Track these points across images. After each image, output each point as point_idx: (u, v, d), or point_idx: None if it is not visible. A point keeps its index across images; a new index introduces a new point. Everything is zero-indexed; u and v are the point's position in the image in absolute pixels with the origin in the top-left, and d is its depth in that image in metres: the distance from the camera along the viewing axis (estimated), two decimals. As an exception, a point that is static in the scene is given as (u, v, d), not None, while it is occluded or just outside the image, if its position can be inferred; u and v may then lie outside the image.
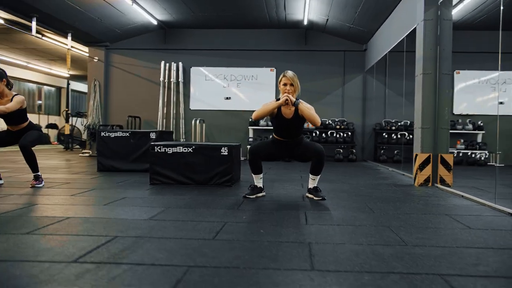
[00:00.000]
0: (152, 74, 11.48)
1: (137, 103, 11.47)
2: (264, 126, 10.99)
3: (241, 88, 11.42)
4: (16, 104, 4.73)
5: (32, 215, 3.24)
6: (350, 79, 11.20)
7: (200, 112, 11.37)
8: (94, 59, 11.44)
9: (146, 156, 6.84)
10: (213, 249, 2.35)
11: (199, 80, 11.47)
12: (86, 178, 5.92)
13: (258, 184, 4.40)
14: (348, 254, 2.27)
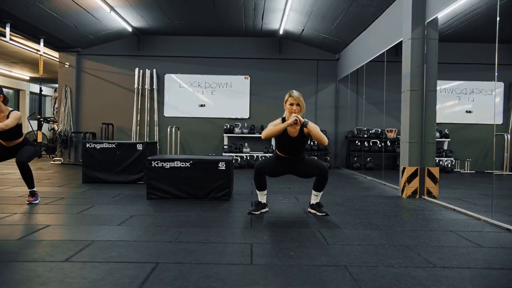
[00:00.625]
0: (125, 81, 11.30)
1: (109, 110, 11.26)
2: (239, 134, 11.07)
3: (215, 95, 11.45)
4: (14, 121, 4.61)
5: (53, 239, 3.19)
6: (323, 88, 11.48)
7: (175, 119, 11.31)
8: (65, 65, 11.12)
9: (132, 167, 6.81)
10: (261, 276, 2.44)
11: (173, 87, 11.40)
12: (77, 191, 5.81)
13: (262, 200, 4.51)
14: (389, 278, 2.42)
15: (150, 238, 3.29)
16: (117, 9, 9.00)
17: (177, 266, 2.60)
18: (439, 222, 4.14)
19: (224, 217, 4.22)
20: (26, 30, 9.20)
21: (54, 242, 3.13)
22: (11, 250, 2.92)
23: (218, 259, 2.76)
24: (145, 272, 2.48)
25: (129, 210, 4.47)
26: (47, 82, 21.50)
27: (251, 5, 8.78)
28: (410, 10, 5.63)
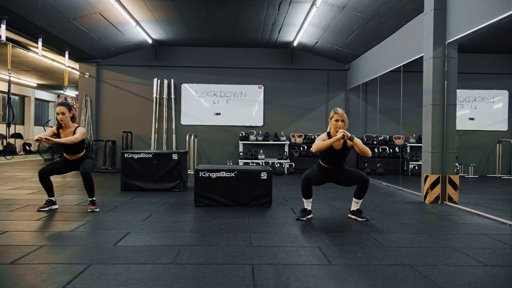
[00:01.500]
0: (143, 90, 11.73)
1: (128, 119, 11.67)
2: (254, 141, 11.53)
3: (230, 104, 11.92)
4: (81, 136, 5.05)
5: (149, 244, 3.63)
6: (333, 97, 12.00)
7: (191, 127, 11.76)
8: (85, 75, 11.52)
9: (168, 176, 7.24)
10: (346, 275, 2.91)
11: (189, 96, 11.85)
12: (124, 200, 6.22)
13: (308, 207, 4.98)
14: (452, 275, 2.92)
15: (229, 243, 3.74)
16: (142, 23, 9.45)
17: (271, 267, 3.07)
18: (470, 226, 4.65)
19: (276, 223, 4.69)
20: (55, 44, 9.62)
21: (152, 247, 3.57)
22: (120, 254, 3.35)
23: (300, 261, 3.22)
24: (248, 273, 2.94)
25: (189, 217, 4.92)
26: (51, 89, 21.82)
27: (271, 20, 9.27)
28: (432, 31, 6.16)
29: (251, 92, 11.94)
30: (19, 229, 4.22)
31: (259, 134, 11.64)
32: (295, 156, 11.49)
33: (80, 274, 2.87)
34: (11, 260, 3.17)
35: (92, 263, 3.11)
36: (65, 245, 3.65)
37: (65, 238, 3.90)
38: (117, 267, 3.05)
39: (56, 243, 3.71)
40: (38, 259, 3.23)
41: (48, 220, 4.74)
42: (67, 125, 5.15)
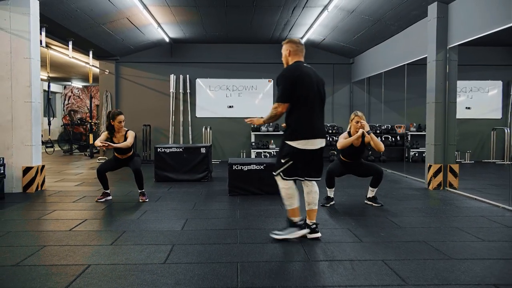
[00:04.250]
0: (160, 85, 12.47)
1: (147, 112, 12.43)
2: (265, 132, 12.34)
3: (242, 97, 12.69)
4: (132, 139, 5.86)
5: (215, 228, 4.47)
6: (338, 89, 12.80)
7: (206, 119, 12.54)
8: (105, 72, 12.22)
9: (197, 168, 8.06)
10: (376, 249, 3.77)
11: (204, 90, 12.61)
12: (163, 190, 7.04)
13: (331, 195, 5.84)
14: (459, 248, 3.78)
15: (274, 226, 4.59)
16: (163, 25, 10.15)
17: (316, 244, 3.92)
18: (469, 209, 5.52)
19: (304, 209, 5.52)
20: (82, 45, 10.31)
21: (213, 231, 4.41)
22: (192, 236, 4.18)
23: (337, 239, 4.07)
24: (300, 249, 3.79)
25: (229, 205, 5.77)
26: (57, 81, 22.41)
27: (283, 22, 10.00)
28: (435, 37, 6.96)
29: (261, 85, 12.70)
30: (94, 217, 5.04)
31: (269, 125, 12.43)
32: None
33: (171, 252, 3.70)
34: (110, 242, 4.00)
35: (175, 244, 3.94)
36: (142, 230, 4.47)
37: (138, 225, 4.71)
38: (196, 247, 3.89)
39: (134, 228, 4.53)
40: (129, 241, 4.05)
41: (112, 209, 5.56)
42: (120, 129, 5.94)
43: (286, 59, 4.09)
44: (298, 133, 3.84)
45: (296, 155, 3.88)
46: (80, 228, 4.57)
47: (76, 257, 3.57)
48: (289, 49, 4.07)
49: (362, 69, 11.82)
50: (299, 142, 3.84)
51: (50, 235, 4.29)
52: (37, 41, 6.94)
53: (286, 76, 3.86)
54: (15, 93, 6.69)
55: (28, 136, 6.71)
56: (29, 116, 6.71)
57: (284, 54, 4.10)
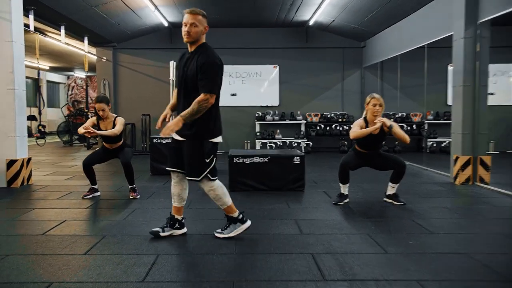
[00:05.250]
0: (160, 73, 11.75)
1: (146, 101, 11.74)
2: (270, 121, 11.60)
3: (246, 84, 11.96)
4: (121, 127, 5.16)
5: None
6: (349, 75, 12.01)
7: (208, 108, 11.78)
8: (102, 59, 11.53)
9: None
10: (405, 263, 3.05)
11: (205, 77, 11.84)
12: (159, 185, 6.37)
13: (345, 192, 5.11)
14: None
15: (280, 231, 3.88)
16: (160, 7, 9.41)
17: (331, 256, 3.21)
18: (510, 209, 4.76)
19: (316, 208, 4.82)
20: (75, 31, 9.64)
21: (207, 236, 3.72)
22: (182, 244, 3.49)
23: (356, 249, 3.36)
24: (311, 263, 3.08)
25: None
26: (61, 71, 21.80)
27: (289, 1, 9.22)
28: (463, 11, 6.14)
29: (266, 72, 11.95)
30: (75, 218, 4.38)
31: (275, 114, 11.71)
32: (312, 135, 11.58)
33: (153, 266, 3.01)
34: (84, 251, 3.32)
35: (159, 254, 3.25)
36: (125, 234, 3.79)
37: (122, 227, 4.03)
38: (184, 258, 3.20)
39: (116, 232, 3.86)
40: (107, 249, 3.38)
41: (97, 208, 4.90)
42: (107, 116, 5.26)
43: (198, 35, 3.45)
44: (218, 128, 3.59)
45: (216, 151, 3.63)
46: (55, 231, 3.91)
47: (38, 272, 2.91)
48: (205, 26, 3.51)
49: (374, 53, 11.01)
50: (219, 138, 3.61)
51: (18, 240, 3.64)
52: (19, 23, 6.25)
53: (218, 65, 3.43)
54: (-4, 80, 6.01)
55: (11, 126, 6.05)
56: (12, 104, 6.04)
57: (200, 29, 3.46)
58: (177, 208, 3.76)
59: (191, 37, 3.41)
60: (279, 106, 11.97)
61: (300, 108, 11.88)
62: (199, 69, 3.35)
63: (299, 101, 11.97)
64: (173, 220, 3.76)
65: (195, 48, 3.47)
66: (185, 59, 3.51)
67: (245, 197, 5.47)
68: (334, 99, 12.02)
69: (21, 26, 6.26)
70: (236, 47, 11.81)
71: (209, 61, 3.36)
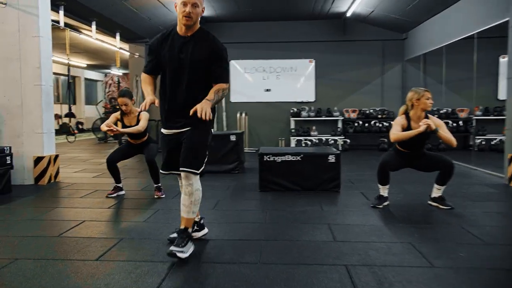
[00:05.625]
0: (193, 68, 11.51)
1: (179, 97, 11.53)
2: (306, 117, 11.18)
3: (280, 79, 11.56)
4: (146, 122, 4.92)
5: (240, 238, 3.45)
6: (389, 68, 11.40)
7: (241, 104, 11.52)
8: (135, 55, 11.44)
9: (226, 157, 7.07)
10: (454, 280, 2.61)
11: (238, 73, 11.58)
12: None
13: (384, 194, 4.66)
14: None
15: (311, 237, 3.51)
16: (192, 0, 9.15)
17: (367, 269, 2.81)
18: None
19: (352, 211, 4.41)
20: (106, 26, 9.54)
21: (231, 242, 3.39)
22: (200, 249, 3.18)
23: (397, 261, 2.94)
24: (345, 276, 2.69)
25: (258, 205, 4.73)
26: (99, 68, 22.15)
27: (326, -10, 8.75)
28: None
29: (301, 66, 11.52)
30: (95, 219, 4.16)
31: (311, 110, 11.27)
32: (350, 132, 11.08)
33: (167, 276, 2.71)
34: (96, 256, 3.07)
35: (176, 261, 2.95)
36: (143, 238, 3.52)
37: (141, 230, 3.77)
38: (202, 267, 2.89)
39: (134, 236, 3.60)
40: (121, 255, 3.12)
41: (119, 208, 4.68)
42: (130, 111, 5.04)
43: (199, 16, 3.03)
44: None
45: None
46: (72, 233, 3.69)
47: (43, 280, 2.67)
48: (203, 6, 3.07)
49: (417, 45, 10.36)
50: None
51: (32, 243, 3.43)
52: (47, 17, 6.14)
53: (227, 53, 3.12)
54: (24, 75, 5.92)
55: (38, 122, 5.94)
56: (39, 100, 5.92)
57: (200, 10, 3.02)
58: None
59: (192, 20, 2.98)
60: (315, 101, 11.52)
61: (337, 104, 11.38)
62: (217, 57, 3.02)
63: (336, 96, 11.47)
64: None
65: (194, 32, 3.07)
66: (179, 43, 3.04)
67: (276, 197, 5.12)
68: (373, 94, 11.44)
69: (49, 21, 6.14)
70: (270, 41, 11.43)
71: (223, 48, 3.07)
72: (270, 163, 5.50)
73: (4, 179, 5.26)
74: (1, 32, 5.90)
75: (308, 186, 5.46)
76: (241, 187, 5.84)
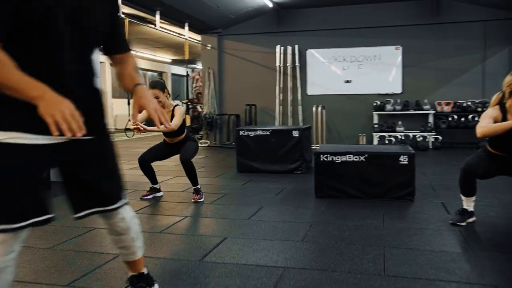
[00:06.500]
0: (267, 59, 10.87)
1: (252, 90, 10.98)
2: (391, 111, 9.96)
3: (362, 69, 10.45)
4: (180, 118, 4.35)
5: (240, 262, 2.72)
6: (492, 54, 9.73)
7: (318, 97, 10.61)
8: (207, 47, 11.08)
9: (289, 156, 6.31)
10: None
11: (316, 63, 10.68)
12: (236, 185, 5.47)
13: (469, 208, 3.57)
14: None
15: (353, 267, 2.63)
16: (261, -16, 8.49)
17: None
18: None
19: (422, 229, 3.41)
20: (173, 16, 9.23)
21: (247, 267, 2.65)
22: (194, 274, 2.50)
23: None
24: None
25: (306, 215, 3.91)
26: (185, 63, 22.48)
27: (411, -37, 7.53)
28: None
29: (387, 54, 10.28)
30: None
31: (396, 102, 10.01)
32: (442, 128, 9.65)
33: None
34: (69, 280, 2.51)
35: (162, 295, 2.28)
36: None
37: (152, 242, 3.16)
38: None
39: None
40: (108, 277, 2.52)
41: (146, 212, 4.15)
42: (164, 105, 4.48)
43: None
44: None
45: None
46: (69, 244, 3.14)
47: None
48: None
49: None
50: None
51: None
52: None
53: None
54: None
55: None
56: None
57: None
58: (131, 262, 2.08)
59: None
60: (402, 93, 10.22)
61: (427, 96, 9.96)
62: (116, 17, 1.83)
63: (426, 87, 10.07)
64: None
65: None
66: None
67: (331, 206, 4.25)
68: (471, 84, 9.85)
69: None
70: (350, 27, 10.35)
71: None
72: (328, 164, 4.62)
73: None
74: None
75: (373, 193, 4.50)
76: (297, 191, 5.04)
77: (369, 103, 10.30)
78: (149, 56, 18.41)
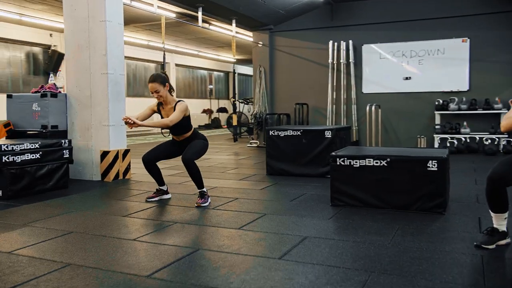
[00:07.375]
0: (319, 56, 10.33)
1: (303, 89, 10.50)
2: (455, 111, 8.98)
3: (423, 65, 9.54)
4: (179, 114, 4.06)
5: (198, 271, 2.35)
6: None
7: (374, 95, 9.86)
8: (258, 44, 10.78)
9: (321, 158, 5.81)
10: None
11: (372, 59, 9.94)
12: (255, 189, 5.09)
13: (500, 227, 2.89)
14: None
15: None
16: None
17: None
18: None
19: (443, 252, 2.79)
20: (217, 12, 9.05)
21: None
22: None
23: None
24: None
25: (303, 227, 3.42)
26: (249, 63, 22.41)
27: None
28: None
29: (451, 48, 9.29)
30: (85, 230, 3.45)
31: (462, 101, 9.00)
32: (516, 130, 8.48)
33: None
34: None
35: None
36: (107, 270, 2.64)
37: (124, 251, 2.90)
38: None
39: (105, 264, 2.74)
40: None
41: (140, 216, 3.90)
42: (166, 101, 4.22)
43: None
44: None
45: None
46: (31, 250, 2.91)
47: None
48: None
49: None
50: None
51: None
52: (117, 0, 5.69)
53: None
54: (93, 64, 5.63)
55: (105, 114, 5.59)
56: (105, 90, 5.57)
57: None
58: None
59: None
60: (469, 91, 9.18)
61: (498, 94, 8.83)
62: None
63: (497, 84, 8.95)
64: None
65: None
66: None
67: (342, 216, 3.73)
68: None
69: (119, 4, 5.72)
70: (410, 19, 9.50)
71: None
72: (345, 168, 4.09)
73: (58, 174, 4.98)
74: (74, 18, 5.69)
75: (397, 203, 3.90)
76: (316, 197, 4.54)
77: (431, 102, 9.39)
78: (212, 56, 18.54)
